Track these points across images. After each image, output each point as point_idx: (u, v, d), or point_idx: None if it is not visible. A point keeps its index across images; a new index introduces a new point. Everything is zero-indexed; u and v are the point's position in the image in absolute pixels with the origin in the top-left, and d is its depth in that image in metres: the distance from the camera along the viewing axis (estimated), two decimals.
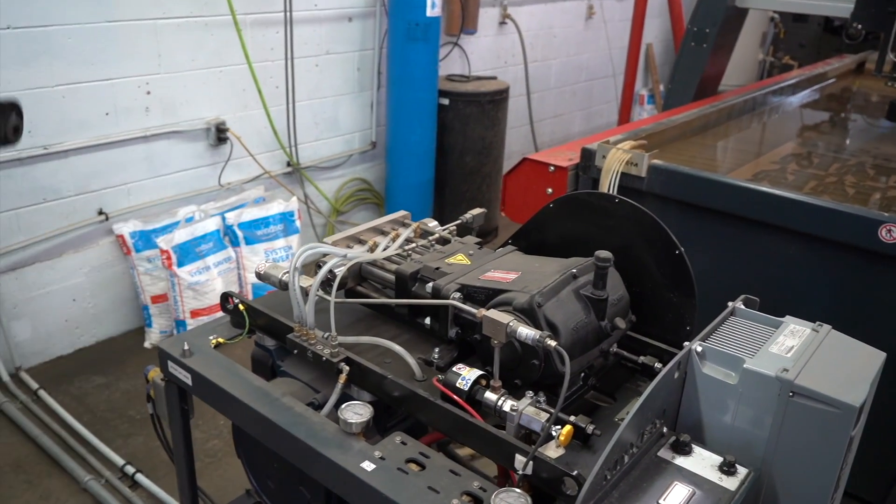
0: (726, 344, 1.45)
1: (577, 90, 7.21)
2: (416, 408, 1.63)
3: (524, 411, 1.48)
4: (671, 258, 1.76)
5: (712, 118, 3.95)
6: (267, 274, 1.94)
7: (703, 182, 2.64)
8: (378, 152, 4.98)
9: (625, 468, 1.29)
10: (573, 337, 1.58)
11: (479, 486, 1.46)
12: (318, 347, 1.76)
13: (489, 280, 1.73)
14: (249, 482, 2.01)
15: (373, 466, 1.51)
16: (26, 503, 2.61)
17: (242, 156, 4.06)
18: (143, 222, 3.61)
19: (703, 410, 1.44)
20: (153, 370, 2.05)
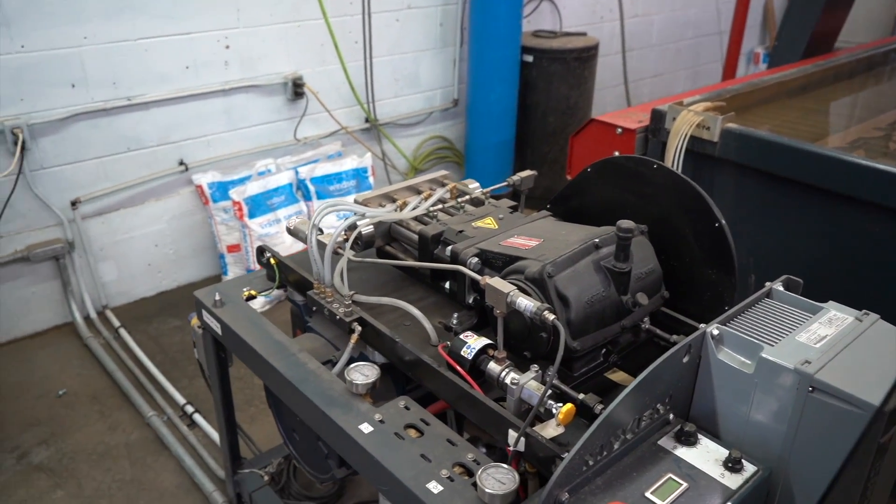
0: (750, 329, 1.31)
1: (682, 48, 6.78)
2: (422, 374, 1.59)
3: (525, 385, 1.41)
4: (711, 231, 1.62)
5: (815, 78, 3.59)
6: (296, 229, 1.95)
7: (780, 149, 2.41)
8: (460, 110, 4.90)
9: (615, 454, 1.20)
10: (587, 311, 1.48)
11: (473, 459, 1.41)
12: (334, 305, 1.75)
13: (508, 246, 1.66)
14: (279, 432, 2.06)
15: (370, 429, 1.50)
16: (97, 431, 2.79)
17: (319, 111, 4.09)
18: (222, 174, 3.72)
19: (718, 399, 1.32)
20: (195, 318, 2.12)
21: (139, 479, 2.55)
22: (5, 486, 2.53)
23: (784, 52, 4.29)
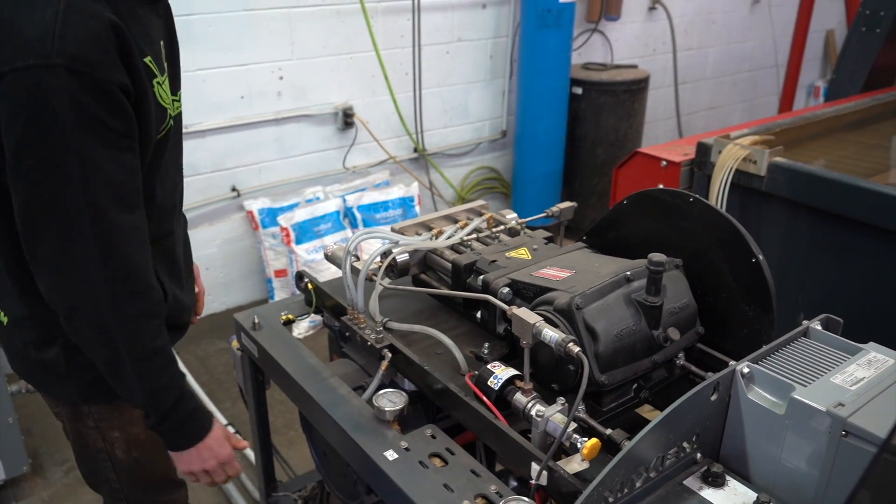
0: (783, 368, 1.27)
1: (738, 80, 6.69)
2: (449, 403, 1.59)
3: (551, 418, 1.40)
4: (748, 267, 1.58)
5: (874, 112, 3.49)
6: (333, 255, 1.98)
7: (829, 184, 2.35)
8: (508, 141, 4.93)
9: (636, 492, 1.18)
10: (616, 344, 1.46)
11: (496, 491, 1.40)
12: (366, 332, 1.76)
13: (539, 277, 1.65)
14: (311, 455, 2.08)
15: (395, 456, 1.50)
16: None
17: (368, 140, 4.18)
18: (272, 200, 3.82)
19: (748, 440, 1.28)
20: (235, 340, 2.17)
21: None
22: (53, 497, 2.61)
23: (843, 85, 4.19)
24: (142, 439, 1.56)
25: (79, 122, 1.13)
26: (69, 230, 1.20)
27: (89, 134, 1.15)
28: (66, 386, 1.48)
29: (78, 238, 1.21)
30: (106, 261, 1.25)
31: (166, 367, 1.42)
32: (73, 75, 1.10)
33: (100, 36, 1.13)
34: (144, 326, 1.34)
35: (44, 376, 1.48)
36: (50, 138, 1.13)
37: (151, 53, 1.29)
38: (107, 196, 1.21)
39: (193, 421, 1.50)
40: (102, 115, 1.15)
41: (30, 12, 1.09)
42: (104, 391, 1.48)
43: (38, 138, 1.13)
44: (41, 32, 1.09)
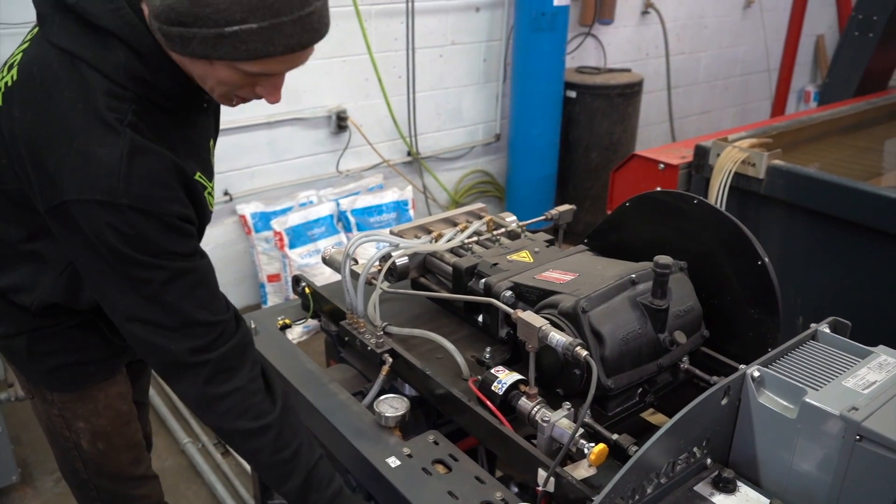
0: (793, 372, 1.25)
1: (730, 85, 6.71)
2: (452, 408, 1.56)
3: (557, 423, 1.37)
4: (753, 269, 1.57)
5: (868, 116, 3.50)
6: (331, 259, 1.95)
7: (828, 186, 2.34)
8: (502, 145, 4.91)
9: (647, 498, 1.15)
10: (622, 348, 1.44)
11: (502, 498, 1.37)
12: (365, 336, 1.74)
13: (542, 280, 1.63)
14: None
15: (397, 463, 1.47)
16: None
17: (361, 144, 4.15)
18: (265, 204, 3.78)
19: (759, 445, 1.26)
20: None
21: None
22: None
23: (835, 89, 4.20)
24: (107, 431, 1.56)
25: (145, 255, 1.16)
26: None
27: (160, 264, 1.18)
28: (31, 370, 1.50)
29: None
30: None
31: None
32: (138, 213, 1.13)
33: (162, 174, 1.18)
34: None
35: (14, 357, 1.51)
36: (118, 270, 1.17)
37: (200, 166, 1.33)
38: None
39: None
40: (169, 247, 1.18)
41: (99, 150, 1.13)
42: (66, 380, 1.49)
43: (104, 265, 1.17)
44: (108, 171, 1.12)
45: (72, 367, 1.48)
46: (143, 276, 1.16)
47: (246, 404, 1.28)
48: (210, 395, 1.25)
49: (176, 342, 1.21)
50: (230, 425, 1.27)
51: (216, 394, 1.25)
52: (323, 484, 1.35)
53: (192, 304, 1.21)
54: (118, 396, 1.56)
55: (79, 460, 1.57)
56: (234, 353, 1.27)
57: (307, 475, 1.33)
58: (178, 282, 1.19)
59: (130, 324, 1.20)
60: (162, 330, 1.20)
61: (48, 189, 1.15)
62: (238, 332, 1.30)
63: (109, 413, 1.54)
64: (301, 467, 1.33)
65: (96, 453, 1.56)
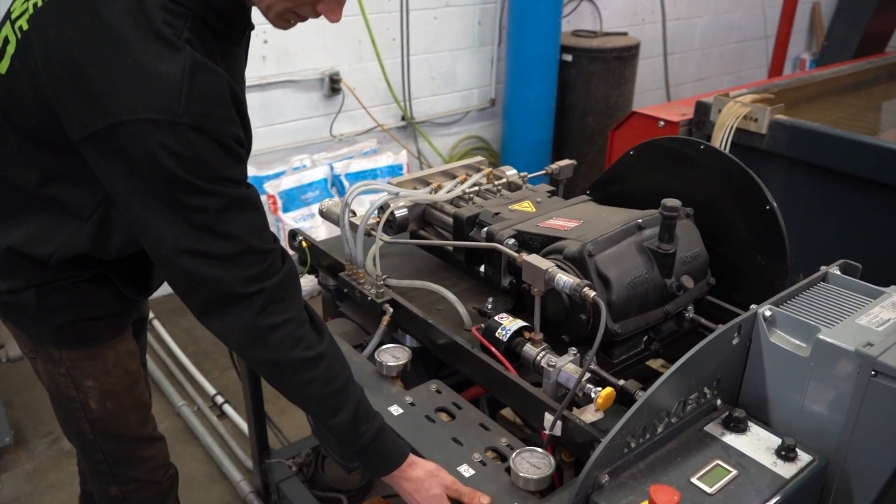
0: (805, 311, 1.23)
1: (726, 52, 6.64)
2: (456, 357, 1.54)
3: (563, 368, 1.35)
4: (761, 214, 1.54)
5: (868, 76, 3.47)
6: (328, 211, 1.91)
7: (833, 140, 2.31)
8: (497, 110, 4.85)
9: (658, 438, 1.13)
10: (629, 293, 1.41)
11: (507, 444, 1.36)
12: (365, 287, 1.70)
13: (546, 227, 1.60)
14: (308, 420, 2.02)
15: (400, 411, 1.45)
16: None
17: (355, 108, 4.08)
18: (257, 168, 3.72)
19: (770, 386, 1.24)
20: None
21: None
22: (38, 469, 2.54)
23: (834, 53, 4.16)
24: (116, 390, 1.51)
25: (200, 179, 1.10)
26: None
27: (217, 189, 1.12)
28: (38, 327, 1.43)
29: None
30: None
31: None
32: (198, 133, 1.07)
33: (221, 94, 1.12)
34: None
35: (17, 315, 1.43)
36: (168, 194, 1.10)
37: (242, 96, 1.26)
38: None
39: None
40: (225, 171, 1.12)
41: (158, 65, 1.05)
42: (76, 337, 1.43)
43: (151, 195, 1.10)
44: (169, 88, 1.05)
45: (82, 324, 1.41)
46: (197, 204, 1.09)
47: (298, 334, 1.22)
48: (263, 326, 1.18)
49: (229, 271, 1.14)
50: (285, 356, 1.21)
51: (269, 325, 1.19)
52: (370, 415, 1.31)
53: (247, 231, 1.15)
54: (128, 354, 1.51)
55: (85, 421, 1.51)
56: (286, 283, 1.22)
57: (357, 406, 1.28)
58: (233, 209, 1.12)
59: (179, 257, 1.12)
60: (214, 260, 1.13)
61: (91, 112, 1.06)
62: (286, 262, 1.25)
63: (119, 371, 1.49)
64: (351, 398, 1.28)
65: (105, 413, 1.51)
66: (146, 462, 1.64)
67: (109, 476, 1.60)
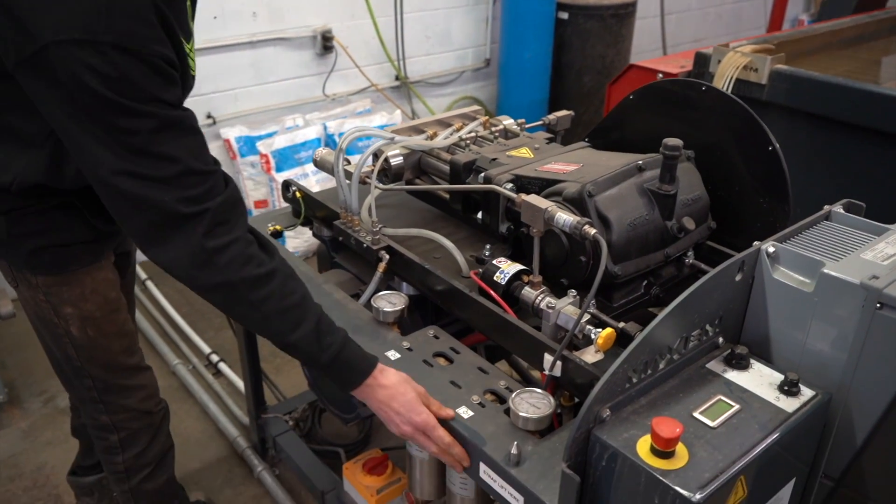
0: (808, 248, 1.21)
1: (723, 12, 6.55)
2: (454, 302, 1.52)
3: (562, 310, 1.33)
4: (763, 156, 1.51)
5: (869, 29, 3.41)
6: (322, 160, 1.88)
7: (835, 89, 2.27)
8: (492, 70, 4.77)
9: (659, 374, 1.12)
10: (629, 234, 1.39)
11: (506, 386, 1.34)
12: (361, 234, 1.68)
13: (545, 171, 1.57)
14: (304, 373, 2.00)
15: (397, 356, 1.43)
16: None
17: (349, 67, 4.01)
18: (249, 128, 3.66)
19: (772, 324, 1.22)
20: None
21: None
22: (33, 427, 2.53)
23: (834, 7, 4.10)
24: (96, 317, 1.50)
25: (131, 100, 1.08)
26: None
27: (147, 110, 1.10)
28: (11, 253, 1.43)
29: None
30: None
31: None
32: (122, 52, 1.04)
33: (144, 12, 1.08)
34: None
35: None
36: (94, 117, 1.09)
37: (179, 21, 1.21)
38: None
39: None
40: (155, 91, 1.09)
41: None
42: (49, 263, 1.43)
43: (84, 118, 1.09)
44: (87, 5, 1.02)
45: (54, 250, 1.41)
46: (130, 125, 1.08)
47: (247, 253, 1.20)
48: (209, 248, 1.16)
49: (170, 193, 1.12)
50: (237, 275, 1.18)
51: (216, 246, 1.16)
52: (333, 328, 1.29)
53: (184, 152, 1.13)
54: (105, 282, 1.50)
55: (70, 347, 1.52)
56: (229, 205, 1.20)
57: (318, 319, 1.27)
58: (168, 130, 1.10)
59: (117, 178, 1.10)
60: (153, 182, 1.11)
61: (19, 37, 1.04)
62: (229, 185, 1.23)
63: (97, 298, 1.49)
64: (311, 311, 1.27)
65: (87, 340, 1.51)
66: (135, 391, 1.64)
67: (100, 404, 1.61)
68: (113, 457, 1.69)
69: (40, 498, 2.26)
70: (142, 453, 1.70)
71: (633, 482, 0.98)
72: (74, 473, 2.04)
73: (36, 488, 2.29)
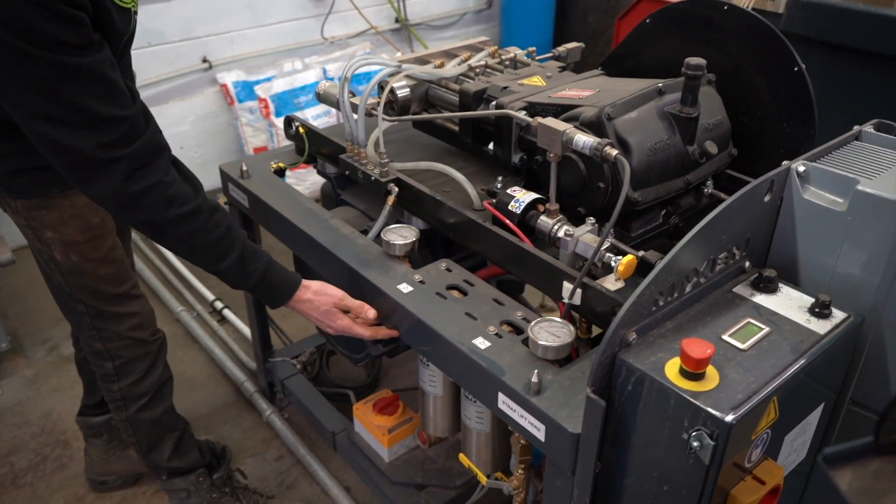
0: (840, 167, 1.16)
1: None
2: (468, 234, 1.47)
3: (581, 238, 1.29)
4: (788, 78, 1.45)
5: None
6: (326, 93, 1.81)
7: (856, 16, 2.19)
8: (494, 13, 4.64)
9: (686, 297, 1.08)
10: (649, 159, 1.34)
11: (523, 317, 1.30)
12: (368, 168, 1.62)
13: (559, 97, 1.50)
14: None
15: (409, 289, 1.39)
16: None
17: (347, 8, 3.89)
18: (247, 73, 3.57)
19: (800, 247, 1.18)
20: (222, 196, 2.02)
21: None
22: (38, 375, 2.51)
23: None
24: (77, 242, 1.48)
25: (34, 46, 1.07)
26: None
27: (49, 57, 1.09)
28: None
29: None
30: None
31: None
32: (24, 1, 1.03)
33: None
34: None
35: None
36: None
37: None
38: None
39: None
40: (60, 35, 1.08)
41: None
42: (25, 186, 1.41)
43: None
44: None
45: (30, 173, 1.38)
46: (37, 72, 1.08)
47: (170, 193, 1.25)
48: (131, 192, 1.20)
49: (83, 139, 1.14)
50: (162, 215, 1.24)
51: (137, 190, 1.21)
52: (257, 254, 1.40)
53: (93, 98, 1.13)
54: (86, 207, 1.47)
55: (58, 273, 1.51)
56: (148, 149, 1.22)
57: (242, 249, 1.37)
58: (75, 77, 1.10)
59: (34, 122, 1.13)
60: (67, 127, 1.13)
61: None
62: (149, 125, 1.25)
63: (77, 223, 1.46)
64: (236, 242, 1.36)
65: (71, 265, 1.50)
66: (126, 318, 1.63)
67: (93, 331, 1.61)
68: (109, 384, 1.70)
69: (48, 444, 2.25)
70: (138, 382, 1.70)
71: (661, 406, 0.95)
72: (82, 414, 2.02)
73: (44, 434, 2.28)
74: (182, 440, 1.84)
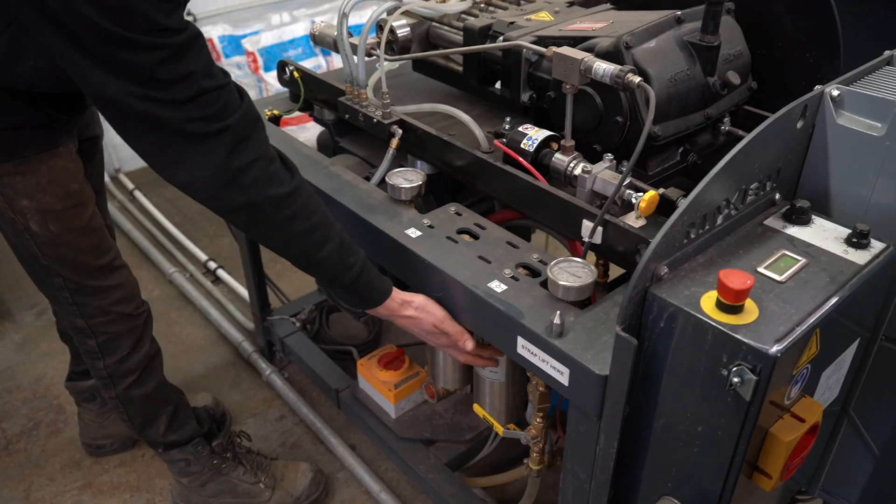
0: (875, 90, 1.09)
1: None
2: (477, 175, 1.40)
3: (599, 175, 1.22)
4: (812, 5, 1.37)
5: None
6: (322, 33, 1.72)
7: None
8: None
9: (717, 230, 1.02)
10: (670, 90, 1.27)
11: (539, 259, 1.24)
12: (369, 110, 1.54)
13: (571, 30, 1.42)
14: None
15: (418, 234, 1.32)
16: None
17: None
18: (233, 26, 3.44)
19: (833, 177, 1.12)
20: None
21: (164, 333, 2.44)
22: (27, 339, 2.44)
23: None
24: (56, 210, 1.37)
25: (135, 32, 0.98)
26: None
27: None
28: None
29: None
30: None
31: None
32: None
33: None
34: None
35: None
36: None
37: None
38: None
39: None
40: (161, 20, 0.98)
41: None
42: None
43: (89, 52, 0.99)
44: None
45: (3, 133, 1.26)
46: (137, 59, 0.98)
47: (270, 171, 1.13)
48: (234, 168, 1.09)
49: (184, 113, 1.04)
50: (262, 195, 1.12)
51: (240, 165, 1.09)
52: (355, 247, 1.27)
53: (193, 75, 1.03)
54: (64, 171, 1.36)
55: (34, 245, 1.40)
56: (249, 120, 1.12)
57: (341, 238, 1.24)
58: (176, 59, 1.00)
59: (127, 98, 1.02)
60: (165, 104, 1.03)
61: None
62: (244, 99, 1.13)
63: (56, 189, 1.35)
64: (335, 230, 1.23)
65: (50, 236, 1.38)
66: (109, 292, 1.52)
67: (73, 306, 1.49)
68: (95, 362, 1.59)
69: (41, 409, 2.19)
70: (124, 359, 1.59)
71: (697, 341, 0.90)
72: (71, 379, 1.95)
73: (36, 399, 2.22)
74: (177, 413, 1.73)
